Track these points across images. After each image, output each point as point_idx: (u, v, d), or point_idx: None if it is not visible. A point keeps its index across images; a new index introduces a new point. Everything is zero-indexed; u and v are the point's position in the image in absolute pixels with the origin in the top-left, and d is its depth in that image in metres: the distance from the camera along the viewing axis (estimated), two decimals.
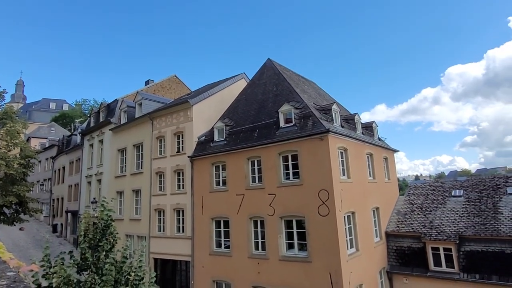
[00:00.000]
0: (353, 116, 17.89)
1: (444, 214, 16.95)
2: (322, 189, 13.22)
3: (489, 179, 18.57)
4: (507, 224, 14.65)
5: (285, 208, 14.23)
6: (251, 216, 15.40)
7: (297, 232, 14.02)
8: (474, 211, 16.28)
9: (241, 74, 23.91)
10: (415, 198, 19.41)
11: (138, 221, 21.13)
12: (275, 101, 16.99)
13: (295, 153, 14.33)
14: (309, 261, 13.21)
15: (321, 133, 13.48)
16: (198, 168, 18.10)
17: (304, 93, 17.57)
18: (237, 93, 20.71)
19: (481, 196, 17.11)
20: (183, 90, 31.12)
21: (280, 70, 18.96)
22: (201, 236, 17.25)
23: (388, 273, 16.42)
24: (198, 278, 17.07)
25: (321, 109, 15.87)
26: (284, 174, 14.72)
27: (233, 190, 16.20)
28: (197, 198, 17.82)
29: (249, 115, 17.69)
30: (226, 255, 16.07)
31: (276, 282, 14.04)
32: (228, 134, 17.64)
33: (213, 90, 21.09)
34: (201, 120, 19.43)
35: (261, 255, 14.84)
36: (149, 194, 20.60)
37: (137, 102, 23.88)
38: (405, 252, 16.54)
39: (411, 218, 17.76)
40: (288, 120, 15.19)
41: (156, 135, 20.99)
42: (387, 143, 22.07)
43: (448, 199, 18.04)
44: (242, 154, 16.15)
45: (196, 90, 25.94)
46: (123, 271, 7.22)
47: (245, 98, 19.24)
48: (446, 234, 15.54)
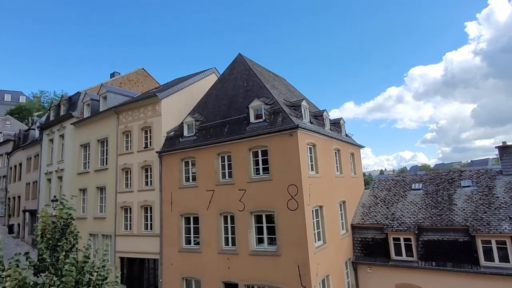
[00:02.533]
0: (321, 113, 18.30)
1: (404, 206, 17.92)
2: (291, 184, 13.44)
3: (445, 173, 19.86)
4: (460, 214, 15.78)
5: (255, 203, 14.32)
6: (221, 212, 15.34)
7: (266, 226, 14.18)
8: (431, 203, 17.36)
9: (211, 68, 23.61)
10: (379, 191, 20.33)
11: (103, 219, 20.31)
12: (245, 97, 16.96)
13: (265, 149, 14.43)
14: (278, 254, 13.43)
15: (290, 129, 13.67)
16: (167, 164, 17.69)
17: (275, 89, 17.70)
18: (207, 88, 20.43)
19: (438, 189, 18.27)
20: (151, 83, 30.18)
21: (251, 66, 18.94)
22: (170, 233, 16.93)
23: (353, 264, 17.11)
24: (166, 275, 16.76)
25: (291, 105, 16.08)
26: (254, 169, 14.78)
27: (203, 186, 16.03)
28: (165, 195, 17.43)
29: (220, 110, 17.53)
30: (196, 251, 15.91)
31: (246, 276, 14.14)
32: (198, 130, 17.38)
33: (182, 84, 20.64)
34: (170, 115, 18.97)
35: (231, 250, 14.85)
36: (114, 191, 19.84)
37: (101, 95, 22.81)
38: (369, 243, 17.30)
39: (375, 210, 18.59)
40: (258, 115, 15.24)
41: (122, 130, 20.20)
42: (354, 139, 22.88)
43: (408, 192, 19.08)
44: (212, 149, 16.00)
45: (165, 84, 25.27)
46: (84, 271, 6.92)
47: (216, 93, 19.03)
48: (406, 225, 16.44)
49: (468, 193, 16.94)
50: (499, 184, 16.70)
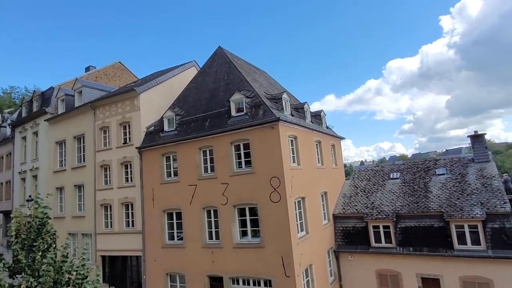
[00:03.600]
0: (302, 105, 18.46)
1: (383, 195, 18.47)
2: (274, 176, 13.54)
3: (421, 162, 20.58)
4: (435, 201, 16.45)
5: (238, 197, 14.35)
6: (204, 206, 15.28)
7: (250, 219, 14.26)
8: (408, 191, 17.98)
9: (191, 62, 23.25)
10: (359, 181, 20.84)
11: (82, 218, 19.77)
12: (226, 90, 16.83)
13: (247, 142, 14.43)
14: (262, 246, 13.56)
15: (271, 122, 13.71)
16: (148, 160, 17.37)
17: (255, 82, 17.66)
18: (187, 81, 20.12)
19: (414, 178, 18.93)
20: (129, 77, 29.36)
21: (231, 59, 18.78)
22: (152, 230, 16.72)
23: (335, 252, 17.55)
24: (150, 272, 16.59)
25: (272, 98, 16.11)
26: (237, 163, 14.78)
27: (185, 180, 15.88)
28: (147, 191, 17.15)
29: (200, 104, 17.33)
30: (179, 247, 15.81)
31: (230, 269, 14.21)
32: (178, 124, 17.12)
33: (161, 78, 20.21)
34: (149, 110, 18.57)
35: (215, 244, 14.86)
36: (93, 189, 19.32)
37: (76, 90, 22.00)
38: (350, 232, 17.77)
39: (356, 200, 19.07)
40: (240, 109, 15.18)
41: (99, 125, 19.61)
42: (335, 131, 23.26)
43: (387, 182, 19.67)
44: (194, 144, 15.83)
45: (144, 78, 24.67)
46: (63, 271, 6.74)
47: (196, 87, 18.77)
48: (385, 213, 16.98)
49: (442, 181, 17.65)
50: (471, 172, 17.49)
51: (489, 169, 17.15)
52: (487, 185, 16.02)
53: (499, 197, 15.07)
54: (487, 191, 15.65)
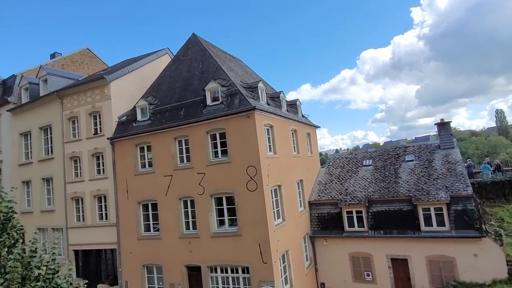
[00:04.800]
0: (278, 94, 18.52)
1: (357, 182, 19.12)
2: (250, 165, 13.60)
3: (392, 149, 21.42)
4: (404, 186, 17.25)
5: (215, 186, 14.32)
6: (180, 197, 15.13)
7: (227, 208, 14.31)
8: (380, 177, 18.71)
9: (164, 49, 22.55)
10: (334, 169, 21.40)
11: (51, 212, 18.97)
12: (201, 79, 16.54)
13: (223, 131, 14.34)
14: (240, 234, 13.70)
15: (247, 111, 13.68)
16: (120, 151, 16.85)
17: (231, 70, 17.47)
18: (160, 69, 19.54)
19: (385, 164, 19.69)
20: (98, 65, 28.07)
21: (206, 47, 18.41)
22: (127, 222, 16.38)
23: (311, 238, 18.06)
24: (126, 265, 16.33)
25: (248, 87, 16.03)
26: (213, 152, 14.69)
27: (160, 171, 15.60)
28: (120, 183, 16.70)
29: (174, 93, 16.94)
30: (156, 238, 15.64)
31: (208, 258, 14.27)
32: (152, 113, 16.68)
33: (133, 65, 19.49)
34: (120, 99, 17.91)
35: (192, 234, 14.82)
36: (63, 182, 18.54)
37: (41, 78, 20.77)
38: (325, 218, 18.31)
39: (330, 187, 19.61)
40: (215, 98, 15.00)
41: (67, 115, 18.71)
42: (310, 119, 23.61)
43: (360, 168, 20.33)
44: (169, 133, 15.52)
45: (114, 66, 23.69)
46: (32, 266, 6.47)
47: (170, 75, 18.29)
48: (358, 199, 17.61)
49: (411, 167, 18.49)
50: (437, 158, 18.44)
51: (453, 155, 18.15)
52: (452, 170, 16.97)
53: (462, 181, 16.03)
54: (451, 176, 16.59)
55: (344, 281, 17.17)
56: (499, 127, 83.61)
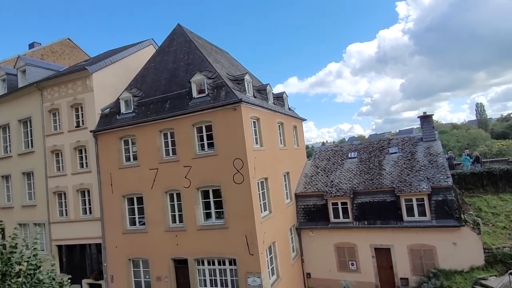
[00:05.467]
0: (265, 87, 18.47)
1: (342, 174, 19.41)
2: (237, 158, 13.58)
3: (377, 142, 21.82)
4: (388, 178, 17.63)
5: (201, 179, 14.25)
6: (166, 190, 15.00)
7: (214, 201, 14.29)
8: (364, 169, 19.05)
9: (148, 40, 22.06)
10: (320, 161, 21.64)
11: (33, 207, 18.48)
12: (187, 71, 16.29)
13: (209, 124, 14.23)
14: (226, 227, 13.73)
15: (234, 103, 13.60)
16: (104, 144, 16.50)
17: (217, 62, 17.27)
18: (144, 61, 19.10)
19: (370, 157, 20.05)
20: (79, 56, 27.23)
21: (191, 38, 18.10)
22: (112, 216, 16.15)
23: (297, 229, 18.30)
24: (111, 259, 16.15)
25: (234, 79, 15.91)
26: (199, 145, 14.57)
27: (146, 164, 15.39)
28: (104, 176, 16.39)
29: (160, 85, 16.64)
30: (142, 232, 15.50)
31: (195, 251, 14.27)
32: (136, 106, 16.36)
33: (116, 56, 19.00)
34: (103, 90, 17.47)
35: (178, 227, 14.76)
36: (44, 176, 18.05)
37: (19, 69, 19.98)
38: (311, 210, 18.56)
39: (316, 179, 19.85)
40: (201, 90, 14.82)
41: (48, 108, 18.13)
42: (297, 112, 23.70)
43: (345, 161, 20.64)
44: (154, 126, 15.29)
45: (96, 57, 23.03)
46: (12, 262, 6.32)
47: (154, 67, 17.93)
48: (343, 190, 17.91)
49: (395, 159, 18.90)
50: (420, 150, 18.89)
51: (435, 147, 18.64)
52: (433, 162, 17.44)
53: (443, 172, 16.51)
54: (433, 167, 17.06)
55: (329, 271, 17.54)
56: (479, 120, 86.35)
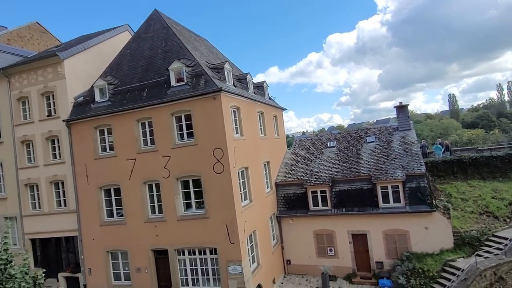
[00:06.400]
0: (245, 76, 18.31)
1: (321, 163, 19.75)
2: (217, 147, 13.48)
3: (355, 131, 22.28)
4: (365, 166, 18.11)
5: (181, 169, 14.08)
6: (145, 181, 14.72)
7: (194, 191, 14.19)
8: (343, 158, 19.47)
9: (124, 25, 21.22)
10: (300, 151, 21.89)
11: (3, 200, 17.67)
12: (164, 58, 15.85)
13: (188, 113, 13.99)
14: (207, 217, 13.71)
15: (213, 92, 13.41)
16: (78, 134, 15.90)
17: (196, 50, 16.89)
18: (120, 47, 18.40)
19: (348, 146, 20.48)
20: (50, 41, 25.79)
21: (169, 24, 17.55)
22: (88, 208, 15.72)
23: (277, 218, 18.56)
24: (88, 252, 15.79)
25: (214, 68, 15.65)
26: (178, 135, 14.33)
27: (123, 155, 15.00)
28: (79, 167, 15.86)
29: (136, 73, 16.11)
30: (120, 223, 15.21)
31: (175, 241, 14.20)
32: (112, 94, 15.81)
33: (90, 42, 18.18)
34: (76, 78, 16.75)
35: (158, 218, 14.59)
36: (14, 168, 17.24)
37: None
38: (291, 198, 18.84)
39: (296, 168, 20.09)
40: (180, 78, 14.49)
41: (16, 96, 17.19)
42: (277, 102, 23.72)
43: (325, 150, 20.98)
44: (131, 115, 14.86)
45: (68, 42, 21.91)
46: None
47: (130, 54, 17.30)
48: (322, 179, 18.25)
49: (372, 148, 19.40)
50: (396, 139, 19.48)
51: (410, 136, 19.27)
52: (408, 151, 18.06)
53: (417, 160, 17.14)
54: (407, 156, 17.67)
55: (308, 257, 17.98)
56: (451, 111, 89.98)
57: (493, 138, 47.10)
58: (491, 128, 59.44)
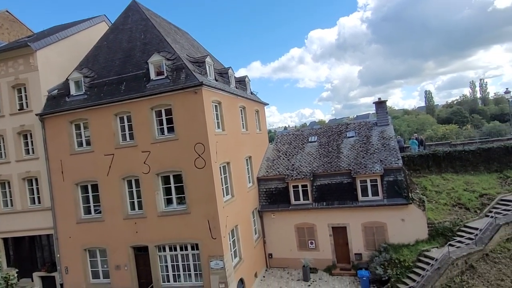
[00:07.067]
0: (226, 70, 18.14)
1: (303, 157, 19.96)
2: (198, 142, 13.34)
3: (335, 126, 22.65)
4: (345, 161, 18.47)
5: (161, 164, 13.85)
6: (124, 176, 14.38)
7: (175, 186, 14.01)
8: (324, 153, 19.76)
9: (100, 16, 20.51)
10: (281, 145, 22.02)
11: None
12: (143, 51, 15.44)
13: (169, 107, 13.74)
14: (188, 212, 13.58)
15: (194, 86, 13.21)
16: (52, 128, 15.29)
17: (176, 43, 16.55)
18: (96, 39, 17.76)
19: (329, 141, 20.80)
20: (21, 31, 24.54)
21: (148, 15, 17.09)
22: (64, 205, 15.21)
23: (259, 212, 18.66)
24: (65, 250, 15.31)
25: (195, 61, 15.40)
26: (159, 129, 14.06)
27: (100, 150, 14.56)
28: (54, 163, 15.28)
29: (114, 65, 15.62)
30: (98, 220, 14.82)
31: (155, 238, 14.00)
32: (88, 87, 15.27)
33: (64, 33, 17.43)
34: (50, 70, 16.05)
35: (138, 214, 14.33)
36: None
37: None
38: (272, 193, 18.97)
39: (278, 163, 20.22)
40: (160, 72, 14.18)
41: None
42: (259, 97, 23.71)
43: (306, 145, 21.22)
44: (109, 109, 14.42)
45: (41, 32, 20.90)
46: None
47: (108, 45, 16.73)
48: (303, 173, 18.47)
49: (352, 142, 19.79)
50: (374, 134, 19.96)
51: (388, 131, 19.79)
52: (386, 145, 18.55)
53: (394, 155, 17.64)
54: (385, 150, 18.15)
55: (290, 250, 18.23)
56: (427, 107, 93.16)
57: (466, 133, 49.30)
58: (464, 124, 62.15)
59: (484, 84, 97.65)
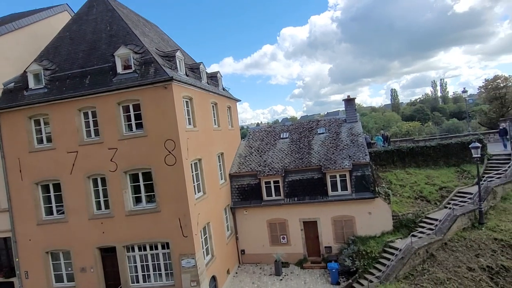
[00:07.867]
0: (198, 65, 17.81)
1: (275, 154, 20.14)
2: (168, 139, 13.01)
3: (307, 123, 23.04)
4: (316, 157, 18.87)
5: (130, 162, 13.37)
6: (89, 175, 13.73)
7: (144, 184, 13.60)
8: (295, 149, 20.05)
9: (62, 5, 19.34)
10: (254, 142, 22.07)
11: None
12: (109, 43, 14.76)
13: (137, 103, 13.26)
14: (158, 211, 13.26)
15: (164, 81, 12.84)
16: (9, 124, 14.25)
17: (145, 36, 15.98)
18: (58, 29, 16.70)
19: (300, 137, 21.13)
20: None
21: (114, 6, 16.33)
22: (23, 206, 14.27)
23: (231, 209, 18.63)
24: (25, 253, 14.39)
25: (165, 56, 14.97)
26: (126, 125, 13.54)
27: (63, 147, 13.78)
28: (11, 161, 14.26)
29: (77, 58, 14.80)
30: (61, 221, 14.06)
31: (123, 237, 13.54)
32: (49, 80, 14.37)
33: (21, 22, 16.27)
34: (5, 61, 14.96)
35: (104, 214, 13.77)
36: None
37: None
38: (245, 189, 18.99)
39: (250, 159, 20.26)
40: (127, 66, 13.62)
41: None
42: (231, 93, 23.54)
43: (278, 141, 21.42)
44: (71, 104, 13.66)
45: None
46: None
47: (70, 36, 15.81)
48: (275, 170, 18.64)
49: (322, 139, 20.25)
50: (344, 130, 20.55)
51: (356, 128, 20.45)
52: (354, 141, 19.17)
53: (362, 150, 18.28)
54: (354, 146, 18.75)
55: (262, 246, 18.39)
56: (393, 104, 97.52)
57: (427, 129, 52.10)
58: (426, 121, 65.66)
59: (444, 83, 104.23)
